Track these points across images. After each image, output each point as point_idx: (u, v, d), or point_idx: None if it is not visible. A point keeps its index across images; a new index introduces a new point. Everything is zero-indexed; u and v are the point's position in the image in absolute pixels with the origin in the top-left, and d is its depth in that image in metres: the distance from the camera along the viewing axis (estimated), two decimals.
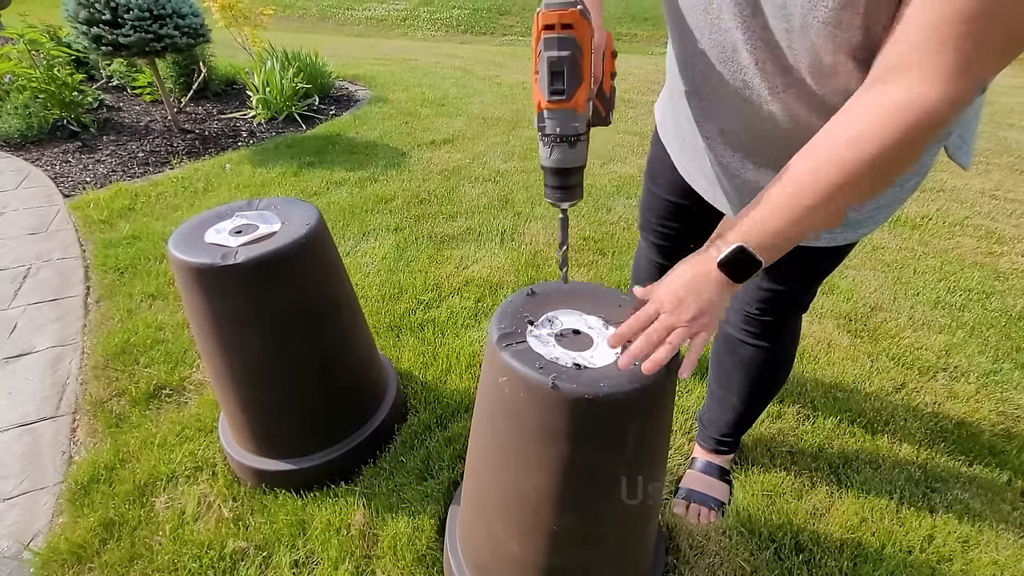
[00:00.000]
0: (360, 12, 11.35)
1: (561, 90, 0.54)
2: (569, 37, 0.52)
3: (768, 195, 0.56)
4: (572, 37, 0.52)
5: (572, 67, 0.53)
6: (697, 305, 0.59)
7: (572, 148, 0.59)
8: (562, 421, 0.62)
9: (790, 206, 0.54)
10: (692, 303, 0.59)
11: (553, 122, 0.57)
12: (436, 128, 3.32)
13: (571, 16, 0.51)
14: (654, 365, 0.59)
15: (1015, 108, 4.43)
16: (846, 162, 0.51)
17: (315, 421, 1.12)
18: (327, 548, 1.03)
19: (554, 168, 0.61)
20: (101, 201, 2.34)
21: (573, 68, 0.53)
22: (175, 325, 1.62)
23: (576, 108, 0.56)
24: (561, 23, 0.51)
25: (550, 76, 0.53)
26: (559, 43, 0.52)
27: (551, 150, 0.59)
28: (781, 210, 0.55)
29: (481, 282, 1.84)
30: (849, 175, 0.51)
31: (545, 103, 0.56)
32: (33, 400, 1.39)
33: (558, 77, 0.53)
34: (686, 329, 0.59)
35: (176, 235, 0.97)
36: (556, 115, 0.56)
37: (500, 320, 0.70)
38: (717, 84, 0.68)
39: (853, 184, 0.51)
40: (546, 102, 0.55)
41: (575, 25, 0.52)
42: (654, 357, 0.59)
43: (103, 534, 1.06)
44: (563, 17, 0.51)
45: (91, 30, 2.52)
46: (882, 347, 1.61)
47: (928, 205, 2.53)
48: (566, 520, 0.70)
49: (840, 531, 1.09)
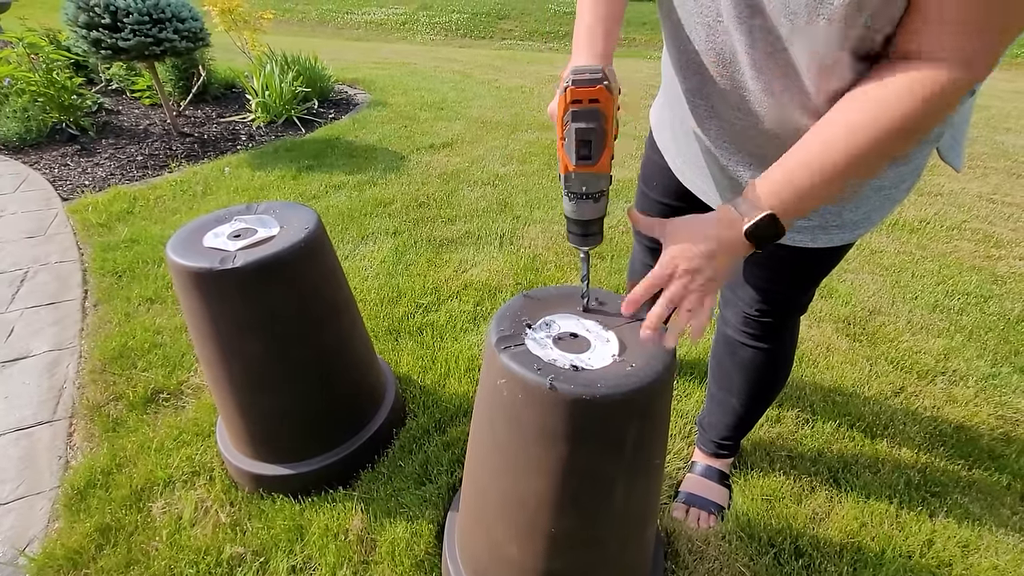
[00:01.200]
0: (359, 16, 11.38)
1: (588, 155, 0.58)
2: (596, 110, 0.55)
3: (795, 156, 0.57)
4: (598, 110, 0.56)
5: (598, 136, 0.57)
6: (713, 269, 0.60)
7: (596, 203, 0.63)
8: (560, 422, 0.62)
9: (819, 168, 0.55)
10: (707, 270, 0.60)
11: (579, 183, 0.61)
12: (435, 132, 3.33)
13: (598, 92, 0.55)
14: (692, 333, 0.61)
15: (1011, 112, 4.45)
16: (869, 126, 0.52)
17: (313, 425, 1.12)
18: (325, 554, 1.03)
19: (579, 220, 0.65)
20: (99, 204, 2.34)
21: (599, 137, 0.57)
22: (173, 329, 1.62)
23: (601, 170, 0.60)
24: (588, 98, 0.55)
25: (577, 144, 0.57)
26: (587, 116, 0.56)
27: (576, 205, 0.64)
28: (809, 172, 0.55)
29: (480, 286, 1.84)
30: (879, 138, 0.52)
31: (572, 167, 0.59)
32: (30, 404, 1.38)
33: (585, 145, 0.57)
34: (699, 296, 0.61)
35: (174, 239, 0.97)
36: (582, 177, 0.60)
37: (499, 323, 0.70)
38: (714, 87, 0.68)
39: (883, 146, 0.52)
40: (573, 166, 0.59)
41: (601, 99, 0.55)
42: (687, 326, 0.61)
43: (99, 539, 1.06)
44: (590, 94, 0.55)
45: (90, 34, 2.52)
46: (881, 351, 1.61)
47: (926, 209, 2.54)
48: (565, 523, 0.70)
49: (840, 536, 1.09)
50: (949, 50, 0.48)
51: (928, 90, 0.49)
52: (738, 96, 0.66)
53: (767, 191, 0.58)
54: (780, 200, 0.57)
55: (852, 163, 0.54)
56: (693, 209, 0.93)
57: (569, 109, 0.56)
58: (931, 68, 0.49)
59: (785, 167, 0.58)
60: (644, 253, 1.12)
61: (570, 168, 0.60)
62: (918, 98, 0.50)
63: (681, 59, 0.72)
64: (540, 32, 10.42)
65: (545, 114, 3.73)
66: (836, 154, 0.54)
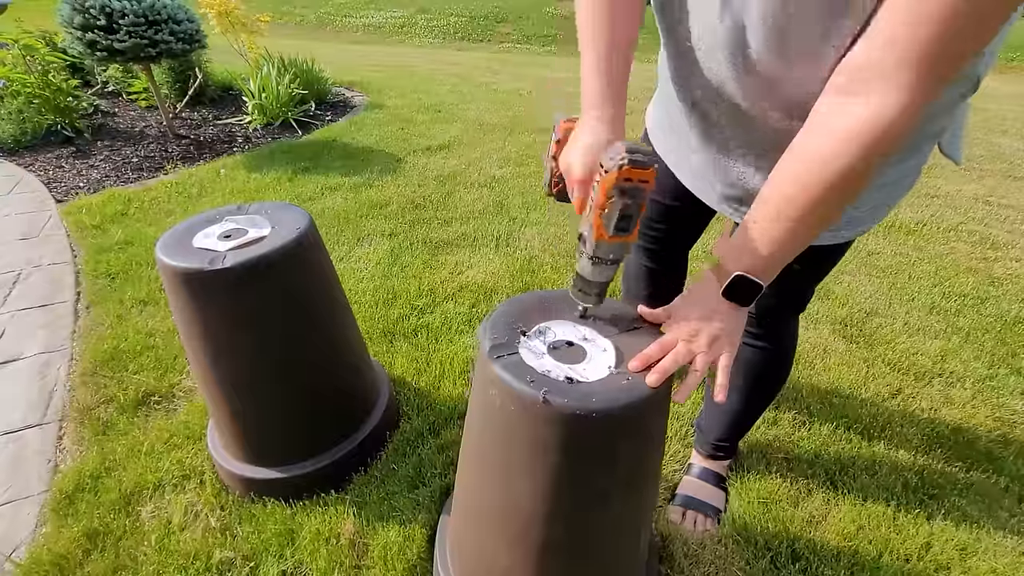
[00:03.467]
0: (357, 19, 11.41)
1: (626, 228, 0.60)
2: (644, 190, 0.56)
3: (751, 220, 0.60)
4: (646, 189, 0.56)
5: (639, 211, 0.58)
6: (710, 333, 0.63)
7: (614, 266, 0.65)
8: (553, 436, 0.61)
9: (774, 229, 0.58)
10: (705, 332, 0.63)
11: (609, 250, 0.62)
12: (432, 134, 3.32)
13: (650, 175, 0.55)
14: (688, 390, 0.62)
15: (1008, 115, 4.46)
16: (815, 184, 0.54)
17: (305, 428, 1.11)
18: (316, 558, 1.02)
19: (596, 282, 0.66)
20: (94, 206, 2.32)
21: (639, 211, 0.59)
22: (166, 331, 1.60)
23: (634, 239, 0.62)
24: (639, 179, 0.55)
25: (619, 218, 0.58)
26: (635, 193, 0.56)
27: (599, 269, 0.64)
28: (766, 234, 0.59)
29: (476, 288, 1.83)
30: (822, 194, 0.54)
31: (609, 237, 0.60)
32: (19, 407, 1.37)
33: (626, 219, 0.59)
34: (706, 355, 0.63)
35: (164, 239, 0.95)
36: (615, 246, 0.62)
37: (492, 330, 0.68)
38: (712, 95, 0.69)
39: (829, 202, 0.54)
40: (609, 236, 0.60)
41: (650, 181, 0.56)
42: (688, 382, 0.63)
43: (87, 544, 1.04)
44: (643, 175, 0.55)
45: (86, 35, 2.51)
46: (878, 352, 1.61)
47: (922, 211, 2.54)
48: (557, 533, 0.69)
49: (837, 539, 1.08)
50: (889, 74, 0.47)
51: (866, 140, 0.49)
52: (734, 103, 0.66)
53: (731, 256, 0.62)
54: (743, 265, 0.61)
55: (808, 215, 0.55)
56: (686, 208, 0.93)
57: (618, 183, 0.56)
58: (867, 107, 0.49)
59: (745, 229, 0.60)
60: (639, 254, 1.11)
61: (605, 237, 0.61)
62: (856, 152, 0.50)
63: (678, 64, 0.72)
64: (537, 36, 10.44)
65: (542, 116, 3.74)
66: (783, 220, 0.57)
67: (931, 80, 0.46)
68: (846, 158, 0.51)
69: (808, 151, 0.54)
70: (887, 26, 0.46)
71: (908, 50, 0.45)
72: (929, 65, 0.45)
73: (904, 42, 0.45)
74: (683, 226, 1.05)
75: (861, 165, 0.51)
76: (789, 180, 0.56)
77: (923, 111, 0.48)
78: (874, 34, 0.47)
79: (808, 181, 0.54)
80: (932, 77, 0.46)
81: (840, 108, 0.51)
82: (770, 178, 0.58)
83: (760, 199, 0.59)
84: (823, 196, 0.54)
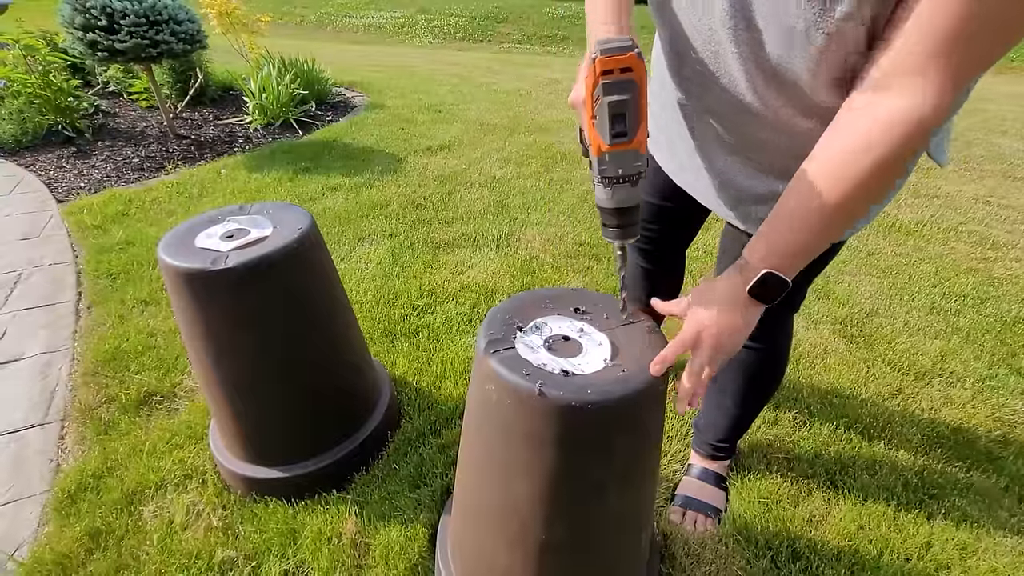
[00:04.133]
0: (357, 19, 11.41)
1: (623, 132, 0.54)
2: (629, 80, 0.52)
3: (780, 215, 0.58)
4: (632, 80, 0.52)
5: (633, 109, 0.53)
6: (731, 336, 0.61)
7: (633, 187, 0.59)
8: (549, 428, 0.61)
9: (804, 225, 0.56)
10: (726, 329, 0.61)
11: (615, 164, 0.57)
12: (432, 134, 3.33)
13: (630, 60, 0.51)
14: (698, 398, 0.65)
15: (1007, 115, 4.47)
16: (850, 177, 0.52)
17: (307, 428, 1.11)
18: (318, 557, 1.02)
19: (616, 208, 0.61)
20: (95, 206, 2.33)
21: (634, 109, 0.53)
22: (167, 331, 1.61)
23: (638, 148, 0.56)
24: (620, 67, 0.51)
25: (611, 120, 0.53)
26: (620, 87, 0.52)
27: (612, 192, 0.59)
28: (795, 231, 0.57)
29: (476, 288, 1.84)
30: (855, 188, 0.53)
31: (607, 147, 0.55)
32: (21, 407, 1.37)
33: (619, 120, 0.53)
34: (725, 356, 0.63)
35: (166, 239, 0.96)
36: (618, 157, 0.56)
37: (488, 326, 0.69)
38: (708, 92, 0.68)
39: (860, 196, 0.53)
40: (607, 146, 0.55)
41: (634, 68, 0.52)
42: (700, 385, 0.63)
43: (89, 544, 1.04)
44: (622, 62, 0.51)
45: (87, 36, 2.52)
46: (878, 352, 1.61)
47: (922, 211, 2.54)
48: (556, 530, 0.69)
49: (837, 538, 1.08)
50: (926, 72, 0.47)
51: (901, 132, 0.49)
52: (732, 100, 0.66)
53: (759, 253, 0.60)
54: (771, 262, 0.59)
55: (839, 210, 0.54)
56: (679, 208, 0.93)
57: (600, 82, 0.52)
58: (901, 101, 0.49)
59: (773, 224, 0.59)
60: (633, 254, 1.12)
61: (604, 148, 0.55)
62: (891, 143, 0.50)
63: (675, 62, 0.72)
64: (538, 36, 10.45)
65: (542, 116, 3.75)
66: (814, 214, 0.55)
67: (961, 78, 0.47)
68: (882, 147, 0.50)
69: (842, 143, 0.53)
70: (924, 23, 0.47)
71: (942, 48, 0.46)
72: (960, 63, 0.46)
73: (939, 41, 0.46)
74: (677, 226, 1.05)
75: (897, 156, 0.50)
76: (823, 173, 0.54)
77: (953, 108, 0.49)
78: (910, 31, 0.48)
79: (843, 174, 0.53)
80: (963, 75, 0.47)
81: (875, 102, 0.51)
82: (799, 172, 0.56)
83: (789, 195, 0.57)
84: (856, 190, 0.52)
